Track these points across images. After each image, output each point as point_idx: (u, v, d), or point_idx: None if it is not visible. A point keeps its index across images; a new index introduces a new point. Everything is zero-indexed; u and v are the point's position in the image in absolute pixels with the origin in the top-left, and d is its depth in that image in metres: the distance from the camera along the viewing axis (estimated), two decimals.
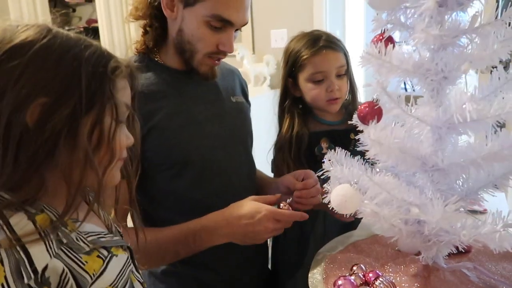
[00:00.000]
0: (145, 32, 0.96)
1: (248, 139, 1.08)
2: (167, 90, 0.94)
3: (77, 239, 0.52)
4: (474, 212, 0.95)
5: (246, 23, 0.93)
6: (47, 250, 0.48)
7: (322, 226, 1.18)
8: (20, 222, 0.48)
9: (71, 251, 0.51)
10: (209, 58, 0.92)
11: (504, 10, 0.62)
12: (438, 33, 0.62)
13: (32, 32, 0.50)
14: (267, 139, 1.25)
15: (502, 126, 0.64)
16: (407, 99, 0.71)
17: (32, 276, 0.46)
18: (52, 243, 0.49)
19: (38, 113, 0.48)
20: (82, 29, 3.44)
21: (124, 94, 0.57)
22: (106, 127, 0.53)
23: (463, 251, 0.80)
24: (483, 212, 0.98)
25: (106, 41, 2.97)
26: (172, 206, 0.95)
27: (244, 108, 1.08)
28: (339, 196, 0.70)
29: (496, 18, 0.62)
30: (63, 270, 0.49)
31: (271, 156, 1.24)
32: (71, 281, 0.49)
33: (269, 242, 1.20)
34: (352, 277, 0.73)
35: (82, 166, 0.51)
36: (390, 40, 0.69)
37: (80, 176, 0.52)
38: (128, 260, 0.59)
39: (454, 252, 0.76)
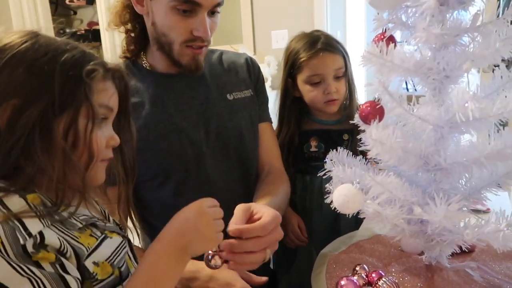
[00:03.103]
0: (128, 37, 0.95)
1: (245, 139, 1.01)
2: (146, 100, 0.91)
3: (69, 217, 0.55)
4: (477, 211, 0.95)
5: (218, 3, 0.87)
6: (40, 221, 0.51)
7: (310, 225, 1.18)
8: (12, 200, 0.51)
9: (63, 228, 0.53)
10: (188, 47, 0.88)
11: (506, 8, 0.62)
12: (439, 32, 0.62)
13: (16, 37, 0.54)
14: None
15: (504, 124, 0.64)
16: (409, 98, 0.71)
17: (27, 238, 0.48)
18: (45, 217, 0.52)
19: (8, 113, 0.52)
20: (83, 31, 3.45)
21: (104, 96, 0.58)
22: (81, 128, 0.55)
23: (467, 250, 0.80)
24: (486, 211, 0.97)
25: (107, 43, 2.97)
26: (160, 214, 0.92)
27: (244, 104, 1.01)
28: (342, 196, 0.69)
29: (497, 16, 0.62)
30: (60, 242, 0.51)
31: None
32: (70, 250, 0.52)
33: None
34: (355, 278, 0.73)
35: (62, 165, 0.53)
36: (391, 39, 0.69)
37: (62, 175, 0.54)
38: (123, 243, 0.61)
39: (458, 251, 0.76)
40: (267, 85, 2.57)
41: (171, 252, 0.58)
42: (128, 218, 0.72)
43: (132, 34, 0.95)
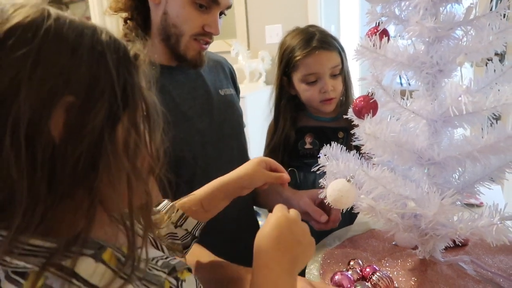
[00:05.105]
0: (126, 24, 0.95)
1: (240, 133, 1.07)
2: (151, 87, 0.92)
3: (149, 269, 0.43)
4: (470, 205, 0.95)
5: (231, 5, 0.92)
6: None
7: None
8: (90, 269, 0.37)
9: (148, 287, 0.41)
10: (196, 41, 0.91)
11: (499, 1, 0.62)
12: (433, 26, 0.61)
13: (30, 11, 0.39)
14: (262, 135, 1.25)
15: (497, 118, 0.64)
16: (403, 92, 0.71)
17: None
18: (137, 282, 0.39)
19: (64, 118, 0.37)
20: None
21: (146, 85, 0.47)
22: (140, 125, 0.43)
23: (460, 244, 0.80)
24: (480, 205, 0.98)
25: None
26: None
27: (232, 100, 1.06)
28: (335, 191, 0.69)
29: (491, 10, 0.62)
30: None
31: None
32: None
33: None
34: (349, 272, 0.73)
35: (127, 178, 0.40)
36: (384, 33, 0.69)
37: (129, 193, 0.40)
38: (197, 282, 0.50)
39: (451, 245, 0.76)
40: (261, 80, 2.57)
41: (284, 275, 0.50)
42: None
43: (131, 22, 0.94)
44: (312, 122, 1.18)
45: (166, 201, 0.72)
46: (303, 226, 0.56)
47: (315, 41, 1.09)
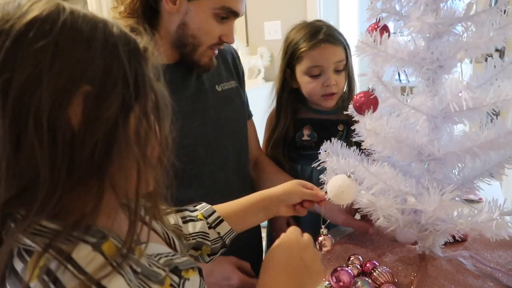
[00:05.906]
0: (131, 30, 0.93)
1: (239, 130, 1.04)
2: None
3: (149, 264, 0.44)
4: (469, 201, 0.95)
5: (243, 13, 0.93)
6: (128, 284, 0.39)
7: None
8: (85, 256, 0.38)
9: (146, 283, 0.42)
10: (210, 49, 0.92)
11: None
12: (433, 21, 0.61)
13: (46, 5, 0.40)
14: (260, 131, 1.24)
15: (497, 114, 0.64)
16: (403, 89, 0.71)
17: None
18: (130, 275, 0.40)
19: (82, 107, 0.39)
20: None
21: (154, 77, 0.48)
22: (150, 115, 0.44)
23: (459, 240, 0.80)
24: (479, 201, 0.98)
25: None
26: None
27: (231, 95, 1.03)
28: (336, 186, 0.69)
29: (491, 5, 0.62)
30: None
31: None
32: None
33: (263, 235, 1.19)
34: (349, 268, 0.73)
35: (137, 166, 0.42)
36: (385, 29, 0.69)
37: (137, 180, 0.42)
38: (201, 282, 0.51)
39: (451, 241, 0.76)
40: (260, 76, 2.56)
41: None
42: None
43: (139, 26, 0.93)
44: (311, 114, 1.18)
45: (204, 203, 0.73)
46: (314, 253, 0.57)
47: (322, 34, 1.09)
